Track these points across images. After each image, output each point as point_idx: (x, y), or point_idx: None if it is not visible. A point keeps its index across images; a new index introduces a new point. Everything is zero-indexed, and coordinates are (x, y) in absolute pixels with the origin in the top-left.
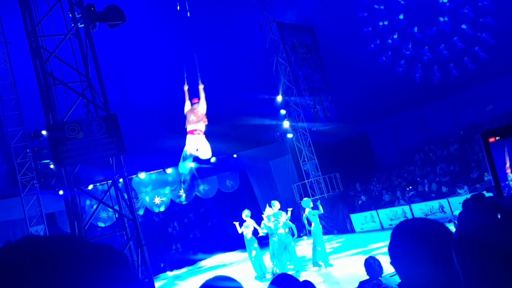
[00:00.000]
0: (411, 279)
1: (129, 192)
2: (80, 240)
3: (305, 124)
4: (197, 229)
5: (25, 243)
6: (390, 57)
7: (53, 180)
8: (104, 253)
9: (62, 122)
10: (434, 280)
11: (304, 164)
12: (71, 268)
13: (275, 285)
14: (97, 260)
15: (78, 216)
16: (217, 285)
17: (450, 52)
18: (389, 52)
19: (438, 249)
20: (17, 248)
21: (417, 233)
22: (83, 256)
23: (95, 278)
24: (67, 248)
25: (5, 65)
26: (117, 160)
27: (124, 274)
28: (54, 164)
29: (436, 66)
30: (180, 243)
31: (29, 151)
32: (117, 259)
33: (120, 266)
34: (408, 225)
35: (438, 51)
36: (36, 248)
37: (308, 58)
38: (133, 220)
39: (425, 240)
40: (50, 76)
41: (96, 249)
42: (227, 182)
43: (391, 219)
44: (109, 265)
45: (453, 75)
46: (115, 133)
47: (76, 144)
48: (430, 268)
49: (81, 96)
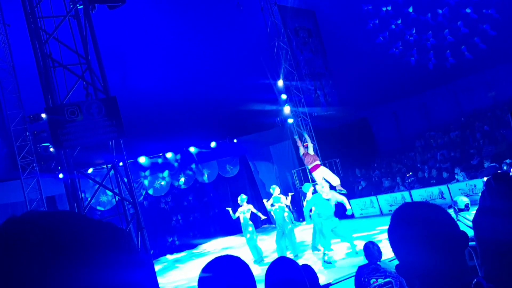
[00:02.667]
0: (410, 263)
1: (129, 175)
2: (84, 216)
3: (305, 109)
4: (197, 214)
5: (30, 217)
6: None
7: (53, 163)
8: (108, 230)
9: (61, 104)
10: (432, 264)
11: None
12: (76, 242)
13: (274, 268)
14: (101, 236)
15: (78, 199)
16: (224, 264)
17: (453, 37)
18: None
19: (437, 234)
20: (22, 222)
21: (417, 217)
22: (87, 231)
23: (99, 254)
24: (72, 223)
25: (4, 47)
26: (117, 143)
27: (126, 249)
28: (53, 147)
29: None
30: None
31: (29, 134)
32: (120, 235)
33: (123, 242)
34: (408, 209)
35: (442, 37)
36: (41, 222)
37: (310, 43)
38: (133, 203)
39: (424, 224)
40: (49, 58)
41: (100, 226)
42: (227, 167)
43: (391, 205)
44: (113, 241)
45: (455, 61)
46: (115, 116)
47: (75, 126)
48: (429, 252)
49: (80, 78)
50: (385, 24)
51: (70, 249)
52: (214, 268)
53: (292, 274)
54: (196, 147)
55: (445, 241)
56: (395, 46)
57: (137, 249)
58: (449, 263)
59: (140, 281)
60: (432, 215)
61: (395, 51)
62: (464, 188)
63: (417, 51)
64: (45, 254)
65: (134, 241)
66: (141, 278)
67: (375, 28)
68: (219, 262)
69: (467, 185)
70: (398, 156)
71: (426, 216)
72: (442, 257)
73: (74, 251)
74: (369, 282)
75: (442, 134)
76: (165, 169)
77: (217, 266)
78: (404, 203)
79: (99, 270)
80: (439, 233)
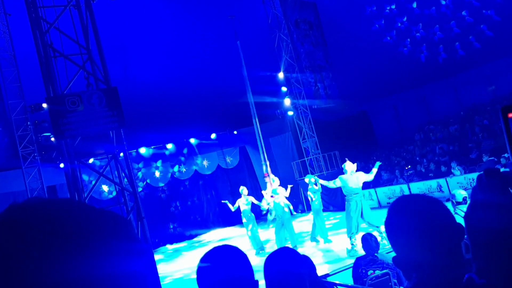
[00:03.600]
0: (406, 255)
1: (129, 165)
2: (85, 204)
3: (306, 102)
4: (195, 203)
5: (31, 204)
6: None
7: (54, 153)
8: (110, 218)
9: (62, 94)
10: (428, 256)
11: (304, 142)
12: (77, 230)
13: (274, 257)
14: (102, 224)
15: (79, 189)
16: (222, 254)
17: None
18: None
19: (433, 226)
20: (23, 208)
21: (414, 210)
22: (89, 219)
23: (100, 242)
24: (73, 210)
25: (5, 37)
26: (118, 134)
27: (127, 237)
28: (54, 137)
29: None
30: (178, 222)
31: (30, 124)
32: (121, 224)
33: (124, 230)
34: (405, 201)
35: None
36: (42, 209)
37: (311, 35)
38: (133, 193)
39: (421, 216)
40: (50, 48)
41: (101, 214)
42: (227, 158)
43: (389, 198)
44: (114, 229)
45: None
46: (116, 106)
47: (76, 116)
48: (425, 245)
49: (81, 68)
50: (387, 18)
51: (71, 237)
52: (213, 257)
53: (291, 265)
54: (197, 138)
55: (442, 233)
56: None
57: (138, 238)
58: (446, 256)
59: (141, 270)
60: (429, 208)
61: (403, 49)
62: (462, 182)
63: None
64: (45, 241)
65: (135, 230)
66: (141, 267)
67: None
68: (217, 251)
69: (465, 178)
70: (397, 149)
71: (423, 209)
72: (439, 249)
73: (75, 238)
74: (367, 274)
75: (442, 127)
76: (165, 160)
77: (215, 256)
78: (401, 196)
79: (99, 258)
80: (436, 226)
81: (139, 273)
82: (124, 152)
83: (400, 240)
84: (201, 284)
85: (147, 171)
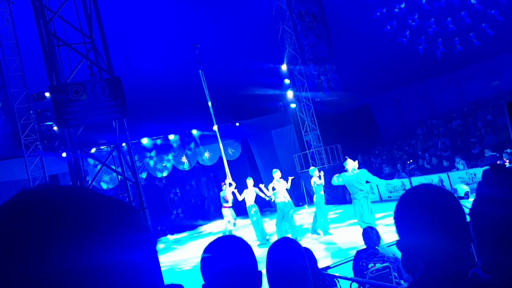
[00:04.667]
0: (414, 244)
1: (131, 155)
2: (95, 192)
3: (308, 94)
4: (198, 195)
5: (40, 190)
6: (395, 26)
7: (57, 142)
8: (119, 206)
9: (65, 83)
10: (437, 247)
11: (306, 135)
12: (86, 218)
13: (276, 247)
14: (111, 212)
15: (81, 178)
16: (226, 244)
17: (456, 27)
18: (395, 21)
19: (445, 218)
20: (32, 194)
21: (424, 200)
22: (98, 207)
23: (107, 230)
24: (83, 198)
25: (8, 25)
26: (120, 124)
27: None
28: (57, 126)
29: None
30: (181, 208)
31: (33, 113)
32: (130, 213)
33: (133, 220)
34: (417, 191)
35: (445, 25)
36: (52, 195)
37: (314, 27)
38: (135, 183)
39: (433, 207)
40: (53, 36)
41: (111, 202)
42: (229, 150)
43: (390, 191)
44: (122, 218)
45: (459, 50)
46: (119, 96)
47: (79, 106)
48: (435, 236)
49: (84, 57)
50: (391, 10)
51: (79, 225)
52: (216, 248)
53: (293, 255)
54: (199, 130)
55: (453, 225)
56: (403, 34)
57: (147, 228)
58: (453, 249)
59: (147, 261)
60: (440, 199)
61: (403, 40)
62: (464, 177)
63: (425, 39)
64: (54, 228)
65: (143, 219)
66: (147, 258)
67: (381, 14)
68: (221, 242)
69: (467, 173)
70: (400, 143)
71: (434, 200)
72: (447, 242)
73: (83, 227)
74: (367, 267)
75: (444, 122)
76: (168, 151)
77: (219, 246)
78: (415, 186)
79: (107, 248)
80: (446, 218)
81: (146, 264)
82: (127, 142)
83: (409, 229)
84: (205, 274)
85: (149, 161)
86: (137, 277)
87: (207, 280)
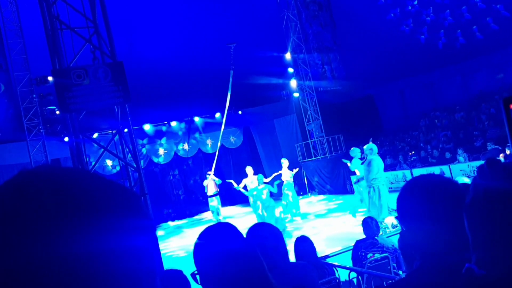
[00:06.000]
0: (414, 235)
1: (133, 141)
2: (97, 175)
3: (312, 83)
4: (200, 183)
5: (42, 171)
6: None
7: (59, 126)
8: (121, 191)
9: (68, 67)
10: (436, 239)
11: (308, 124)
12: (88, 200)
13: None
14: (113, 196)
15: (83, 163)
16: (218, 231)
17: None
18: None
19: (444, 208)
20: (34, 174)
21: (427, 190)
22: (100, 190)
23: (109, 214)
24: (85, 180)
25: (12, 8)
26: (123, 109)
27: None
28: (59, 110)
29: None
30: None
31: (35, 97)
32: (132, 198)
33: (134, 205)
34: (421, 181)
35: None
36: (53, 176)
37: (319, 16)
38: (136, 169)
39: (434, 197)
40: (56, 20)
41: (113, 186)
42: (231, 138)
43: (391, 183)
44: (124, 203)
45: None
46: (121, 81)
47: (82, 90)
48: (434, 228)
49: (87, 42)
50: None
51: (80, 208)
52: (209, 234)
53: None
54: (201, 117)
55: (454, 216)
56: (406, 23)
57: (148, 213)
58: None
59: (147, 246)
60: (444, 190)
61: (405, 28)
62: (466, 169)
63: (428, 29)
64: (54, 209)
65: (144, 205)
66: (148, 243)
67: (386, 4)
68: (213, 229)
69: (469, 166)
70: (402, 134)
71: (438, 190)
72: (450, 231)
73: (84, 210)
74: (366, 256)
75: (447, 114)
76: (169, 138)
77: (212, 233)
78: (419, 175)
79: (108, 231)
80: (449, 208)
81: (145, 249)
82: (129, 128)
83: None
84: (197, 261)
85: (151, 148)
86: (137, 262)
87: (199, 267)
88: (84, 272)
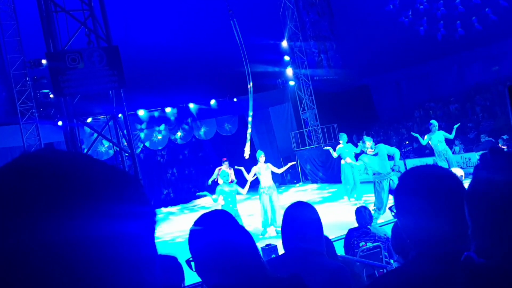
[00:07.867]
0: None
1: (128, 127)
2: (98, 160)
3: (308, 72)
4: (193, 170)
5: (47, 153)
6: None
7: (53, 110)
8: (123, 176)
9: (62, 50)
10: (433, 229)
11: (303, 113)
12: (88, 184)
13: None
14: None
15: (77, 147)
16: (214, 219)
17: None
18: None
19: (441, 199)
20: (36, 157)
21: (423, 181)
22: (101, 174)
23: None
24: (86, 163)
25: None
26: (117, 94)
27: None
28: (53, 94)
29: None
30: (175, 184)
31: (29, 80)
32: (133, 183)
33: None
34: (418, 171)
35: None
36: (58, 158)
37: (317, 4)
38: (131, 155)
39: (433, 188)
40: (51, 2)
41: (113, 171)
42: (226, 125)
43: None
44: (125, 188)
45: (464, 32)
46: (116, 66)
47: (76, 74)
48: (431, 217)
49: (82, 25)
50: None
51: (83, 191)
52: (205, 222)
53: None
54: (196, 104)
55: (451, 207)
56: (405, 14)
57: (147, 199)
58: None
59: (146, 233)
60: (441, 181)
61: (404, 19)
62: (459, 161)
63: (427, 21)
64: (57, 190)
65: (144, 190)
66: (147, 229)
67: None
68: (209, 216)
69: (462, 157)
70: (396, 125)
71: (435, 181)
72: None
73: (87, 193)
74: (358, 245)
75: (442, 106)
76: (163, 123)
77: (207, 220)
78: (416, 166)
79: (108, 216)
80: (446, 199)
81: (143, 236)
82: (123, 113)
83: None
84: (192, 248)
85: (146, 133)
86: (136, 249)
87: (194, 254)
88: (81, 256)
